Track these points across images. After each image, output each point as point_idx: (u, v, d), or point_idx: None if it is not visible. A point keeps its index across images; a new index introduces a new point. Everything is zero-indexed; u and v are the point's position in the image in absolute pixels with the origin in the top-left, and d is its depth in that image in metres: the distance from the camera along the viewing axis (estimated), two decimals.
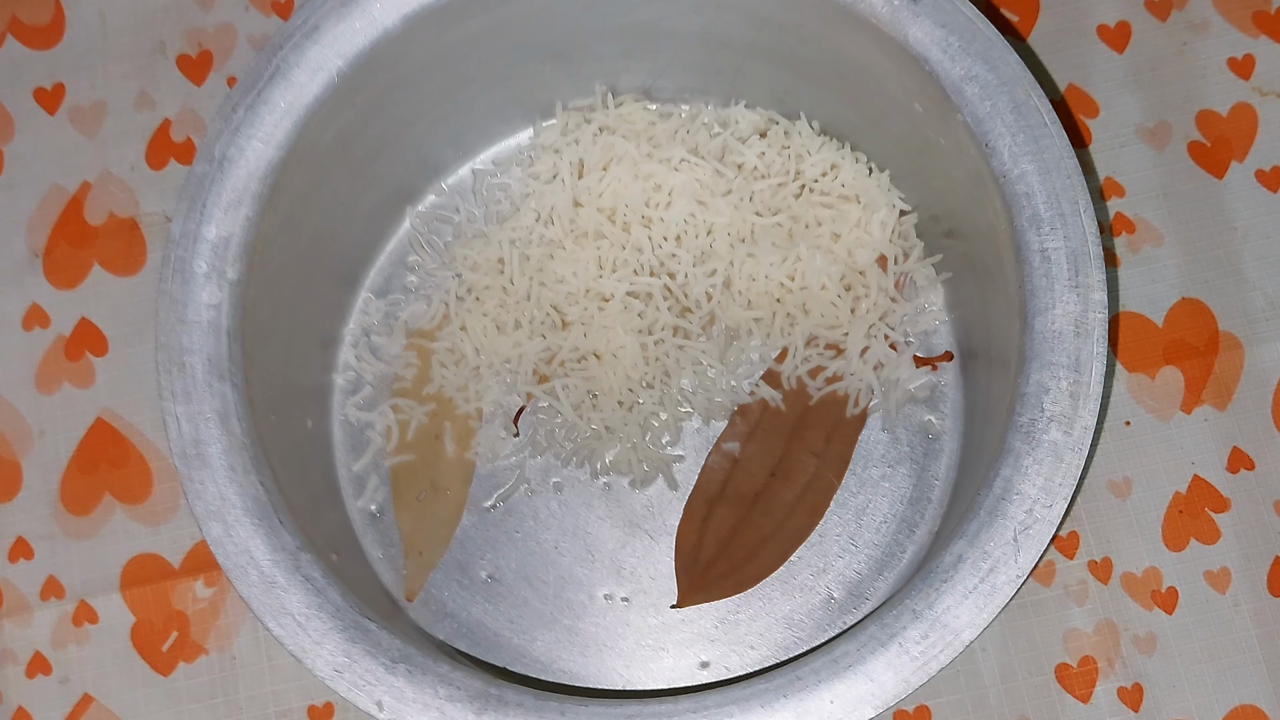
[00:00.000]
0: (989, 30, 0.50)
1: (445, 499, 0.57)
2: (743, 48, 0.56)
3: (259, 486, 0.47)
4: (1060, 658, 0.54)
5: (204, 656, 0.56)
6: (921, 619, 0.44)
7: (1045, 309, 0.47)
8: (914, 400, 0.57)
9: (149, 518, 0.58)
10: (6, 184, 0.62)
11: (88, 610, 0.57)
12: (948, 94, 0.49)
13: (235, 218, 0.49)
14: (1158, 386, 0.57)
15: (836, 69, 0.54)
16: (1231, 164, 0.60)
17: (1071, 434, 0.46)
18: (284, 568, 0.46)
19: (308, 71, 0.50)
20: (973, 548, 0.45)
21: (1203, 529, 0.56)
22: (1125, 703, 0.54)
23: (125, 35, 0.64)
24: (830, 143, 0.57)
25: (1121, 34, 0.62)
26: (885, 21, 0.50)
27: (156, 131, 0.63)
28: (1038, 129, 0.49)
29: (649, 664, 0.55)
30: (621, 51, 0.57)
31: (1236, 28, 0.61)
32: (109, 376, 0.60)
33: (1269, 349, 0.57)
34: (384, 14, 0.51)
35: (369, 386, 0.58)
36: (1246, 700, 0.53)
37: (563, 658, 0.55)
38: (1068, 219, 0.48)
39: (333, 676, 0.45)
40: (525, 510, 0.57)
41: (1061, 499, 0.45)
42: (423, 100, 0.56)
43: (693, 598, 0.55)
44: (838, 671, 0.44)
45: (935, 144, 0.52)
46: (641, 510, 0.57)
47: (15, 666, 0.56)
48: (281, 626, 0.46)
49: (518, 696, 0.45)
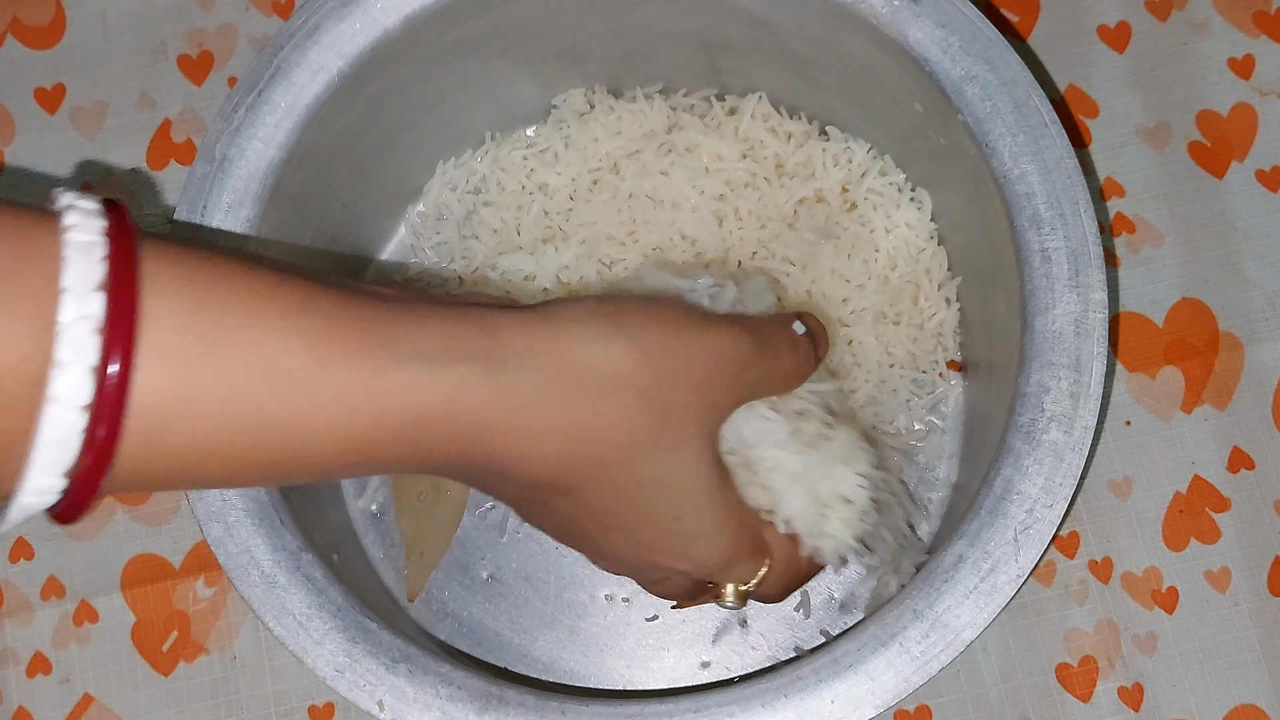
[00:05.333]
0: (989, 30, 0.50)
1: (446, 499, 0.57)
2: (743, 48, 0.56)
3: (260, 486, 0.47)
4: (1061, 657, 0.54)
5: (205, 656, 0.56)
6: (922, 619, 0.44)
7: (1045, 309, 0.47)
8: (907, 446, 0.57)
9: (150, 518, 0.58)
10: (7, 185, 0.62)
11: (89, 610, 0.57)
12: (948, 94, 0.49)
13: (236, 218, 0.49)
14: (1158, 386, 0.57)
15: (836, 69, 0.54)
16: (1231, 164, 0.60)
17: (1072, 434, 0.46)
18: (285, 568, 0.46)
19: (308, 72, 0.50)
20: (973, 547, 0.45)
21: (1203, 529, 0.56)
22: (1126, 702, 0.54)
23: (126, 35, 0.64)
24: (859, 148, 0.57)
25: (1121, 34, 0.62)
26: (885, 21, 0.50)
27: (157, 132, 0.63)
28: (1038, 129, 0.49)
29: (650, 664, 0.55)
30: (621, 52, 0.57)
31: (1236, 28, 0.61)
32: None
33: (1269, 349, 0.57)
34: (384, 14, 0.51)
35: None
36: (1247, 700, 0.53)
37: (564, 658, 0.55)
38: (1068, 219, 0.48)
39: (334, 676, 0.45)
40: None
41: (1062, 499, 0.45)
42: (423, 101, 0.56)
43: (694, 599, 0.55)
44: (838, 671, 0.44)
45: (935, 144, 0.52)
46: None
47: (16, 666, 0.56)
48: (282, 626, 0.46)
49: (519, 696, 0.45)
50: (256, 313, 0.33)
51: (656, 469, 0.39)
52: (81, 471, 0.31)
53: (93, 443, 0.30)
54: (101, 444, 0.31)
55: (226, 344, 0.32)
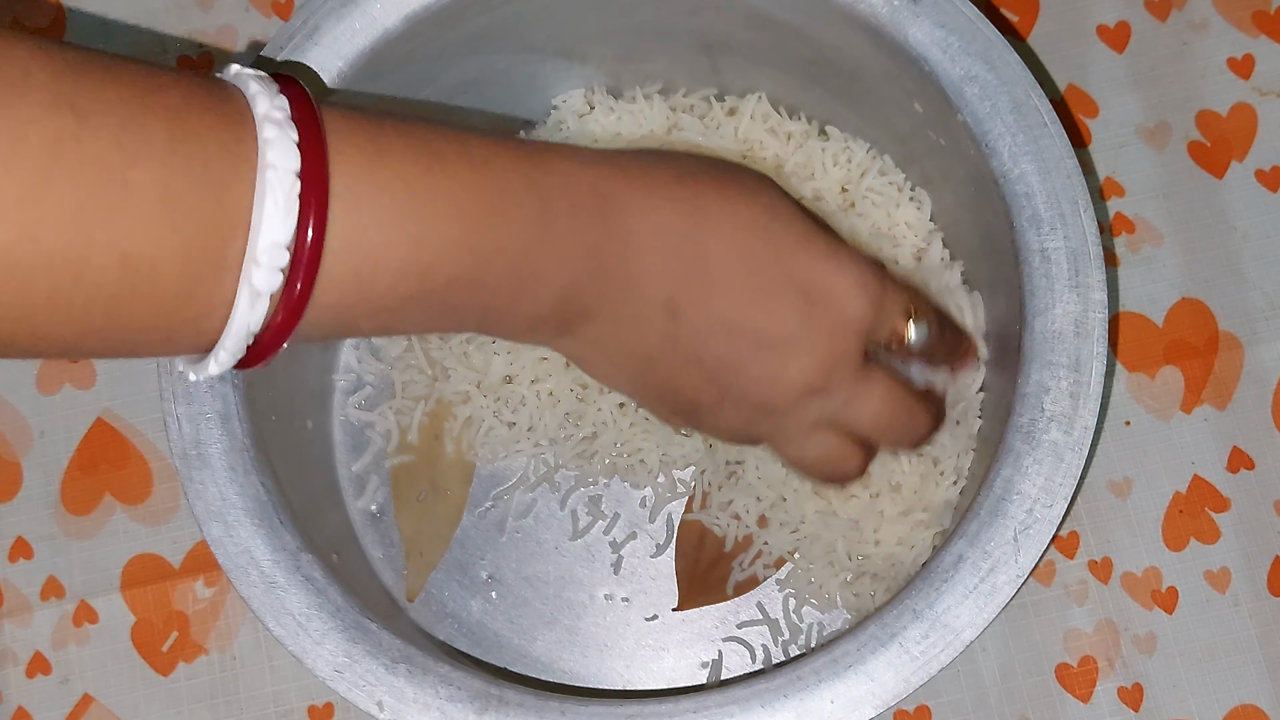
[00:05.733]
0: (989, 30, 0.50)
1: (446, 499, 0.57)
2: (743, 48, 0.56)
3: (259, 487, 0.47)
4: (1060, 657, 0.54)
5: (204, 656, 0.56)
6: (922, 619, 0.44)
7: (1045, 309, 0.47)
8: None
9: (149, 518, 0.58)
10: None
11: (88, 610, 0.57)
12: (948, 94, 0.49)
13: None
14: (1158, 386, 0.57)
15: (836, 69, 0.54)
16: (1231, 164, 0.60)
17: (1071, 434, 0.46)
18: (284, 568, 0.46)
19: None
20: (973, 548, 0.45)
21: (1203, 529, 0.56)
22: (1125, 702, 0.54)
23: (126, 36, 0.64)
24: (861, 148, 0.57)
25: (1121, 34, 0.62)
26: (885, 21, 0.50)
27: None
28: (1038, 129, 0.49)
29: (649, 664, 0.55)
30: (621, 52, 0.57)
31: (1236, 28, 0.61)
32: (110, 377, 0.60)
33: (1269, 349, 0.57)
34: (384, 14, 0.51)
35: (369, 387, 0.58)
36: (1246, 700, 0.53)
37: (563, 658, 0.55)
38: (1068, 219, 0.48)
39: (333, 676, 0.45)
40: (525, 510, 0.57)
41: (1062, 499, 0.45)
42: (423, 102, 0.56)
43: (694, 600, 0.55)
44: (838, 671, 0.44)
45: (935, 144, 0.52)
46: (642, 510, 0.57)
47: (15, 667, 0.56)
48: (282, 626, 0.46)
49: (518, 696, 0.45)
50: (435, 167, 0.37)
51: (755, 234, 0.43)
52: (286, 304, 0.34)
53: (294, 280, 0.33)
54: (306, 274, 0.33)
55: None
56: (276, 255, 0.32)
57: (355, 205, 0.34)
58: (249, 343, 0.34)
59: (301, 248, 0.33)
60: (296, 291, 0.33)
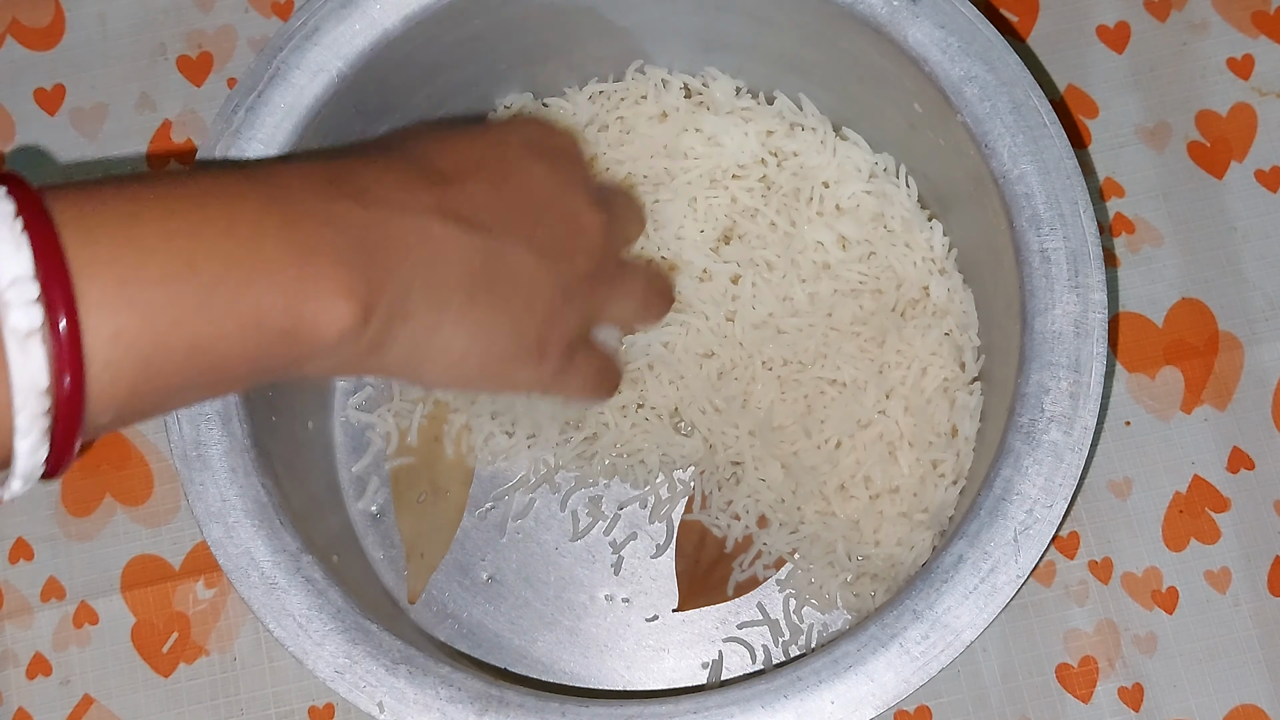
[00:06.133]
0: (989, 31, 0.50)
1: (446, 500, 0.57)
2: (743, 48, 0.56)
3: (260, 488, 0.47)
4: (1061, 658, 0.54)
5: (205, 658, 0.56)
6: (922, 619, 0.44)
7: (1045, 309, 0.47)
8: None
9: (150, 519, 0.58)
10: None
11: (88, 611, 0.57)
12: (947, 95, 0.49)
13: None
14: (1158, 386, 0.57)
15: (836, 69, 0.54)
16: (1231, 164, 0.60)
17: (1071, 434, 0.46)
18: (285, 569, 0.46)
19: (308, 73, 0.50)
20: (973, 548, 0.45)
21: (1203, 529, 0.56)
22: (1126, 702, 0.54)
23: (125, 37, 0.64)
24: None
25: (1121, 34, 0.62)
26: (885, 22, 0.50)
27: (157, 133, 0.63)
28: (1037, 129, 0.49)
29: (650, 665, 0.55)
30: (622, 52, 0.57)
31: (1236, 28, 0.61)
32: None
33: (1269, 349, 0.57)
34: (384, 15, 0.51)
35: (369, 388, 0.58)
36: (1247, 700, 0.53)
37: (564, 659, 0.55)
38: (1067, 219, 0.48)
39: (334, 678, 0.45)
40: (525, 511, 0.57)
41: (1061, 499, 0.45)
42: (423, 102, 0.56)
43: (694, 601, 0.55)
44: (838, 672, 0.44)
45: (935, 144, 0.52)
46: (643, 511, 0.57)
47: (16, 668, 0.56)
48: (282, 628, 0.46)
49: (519, 697, 0.45)
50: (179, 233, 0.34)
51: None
52: (58, 427, 0.32)
53: (60, 400, 0.31)
54: (69, 397, 0.32)
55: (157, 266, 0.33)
56: (38, 401, 0.31)
57: (109, 308, 0.32)
58: (40, 472, 0.33)
59: (60, 389, 0.31)
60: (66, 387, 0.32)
